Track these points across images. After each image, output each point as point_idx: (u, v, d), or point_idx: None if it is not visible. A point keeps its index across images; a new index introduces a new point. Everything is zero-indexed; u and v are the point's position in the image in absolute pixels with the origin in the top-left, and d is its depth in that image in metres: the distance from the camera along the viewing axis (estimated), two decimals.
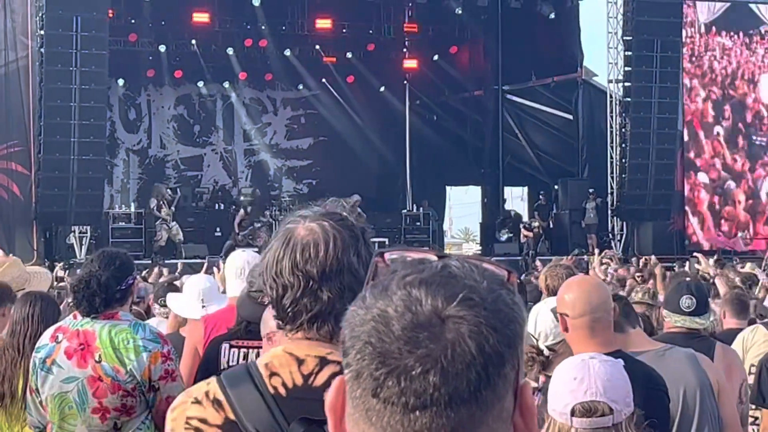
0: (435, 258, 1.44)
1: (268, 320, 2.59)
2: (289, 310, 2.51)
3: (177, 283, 9.71)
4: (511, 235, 30.97)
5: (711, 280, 10.32)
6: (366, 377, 1.34)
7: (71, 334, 4.87)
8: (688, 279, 6.70)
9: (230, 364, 4.88)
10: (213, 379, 2.54)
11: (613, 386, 3.27)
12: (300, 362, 2.48)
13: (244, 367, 2.53)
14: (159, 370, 4.82)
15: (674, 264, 20.32)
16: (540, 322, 4.72)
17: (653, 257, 17.46)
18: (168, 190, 29.40)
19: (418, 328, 1.33)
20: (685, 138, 30.11)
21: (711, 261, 15.31)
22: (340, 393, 1.40)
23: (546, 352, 4.73)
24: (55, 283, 11.97)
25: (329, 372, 2.46)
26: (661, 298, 7.87)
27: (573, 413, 3.22)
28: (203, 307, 6.55)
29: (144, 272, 17.42)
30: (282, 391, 2.46)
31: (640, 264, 17.25)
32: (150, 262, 24.13)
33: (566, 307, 4.30)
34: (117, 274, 4.91)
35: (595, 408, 3.22)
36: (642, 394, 4.18)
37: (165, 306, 7.84)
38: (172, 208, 28.21)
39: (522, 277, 12.36)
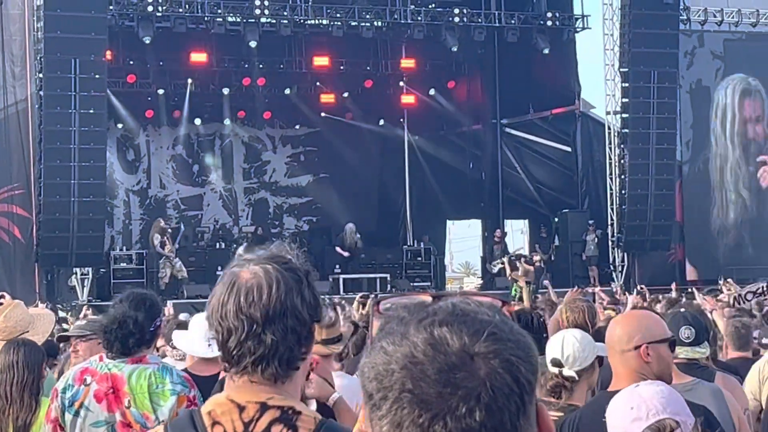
0: (430, 299, 1.46)
1: None
2: (234, 353, 2.54)
3: (182, 317, 9.58)
4: (501, 266, 30.66)
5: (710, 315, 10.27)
6: (408, 425, 1.35)
7: (101, 377, 4.78)
8: (683, 310, 6.70)
9: None
10: (160, 428, 2.59)
11: (669, 402, 3.29)
12: (241, 409, 2.51)
13: (188, 416, 2.55)
14: None
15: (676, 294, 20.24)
16: (567, 346, 4.70)
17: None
18: (169, 224, 29.34)
19: (454, 369, 1.35)
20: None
21: (705, 295, 15.19)
22: None
23: (572, 376, 4.67)
24: (57, 326, 11.94)
25: (269, 418, 2.50)
26: None
27: None
28: (209, 345, 6.51)
29: None
30: None
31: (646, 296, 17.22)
32: None
33: (614, 340, 4.32)
34: (149, 314, 4.84)
35: (663, 425, 3.24)
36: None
37: (176, 348, 7.74)
38: (176, 244, 28.17)
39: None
